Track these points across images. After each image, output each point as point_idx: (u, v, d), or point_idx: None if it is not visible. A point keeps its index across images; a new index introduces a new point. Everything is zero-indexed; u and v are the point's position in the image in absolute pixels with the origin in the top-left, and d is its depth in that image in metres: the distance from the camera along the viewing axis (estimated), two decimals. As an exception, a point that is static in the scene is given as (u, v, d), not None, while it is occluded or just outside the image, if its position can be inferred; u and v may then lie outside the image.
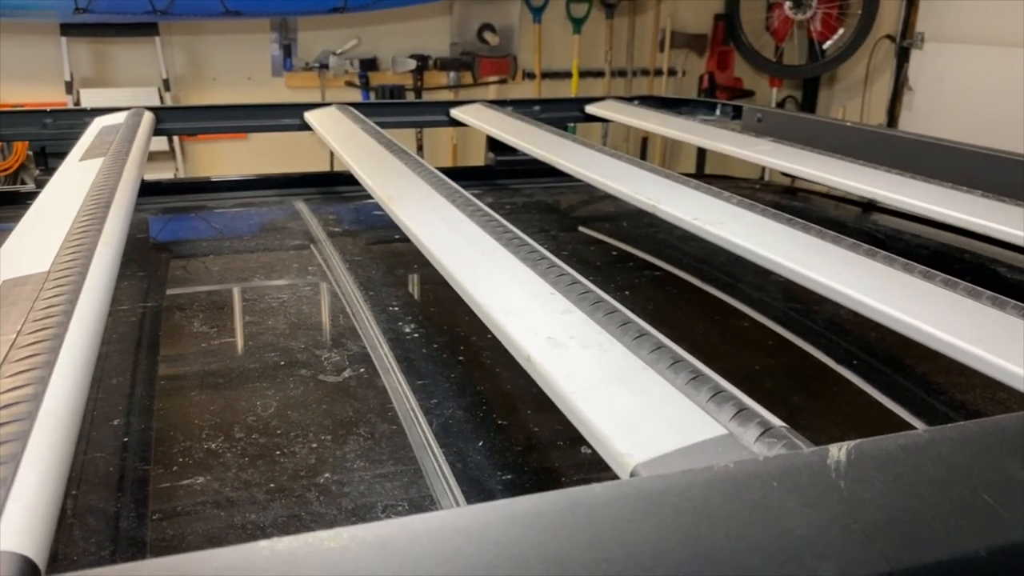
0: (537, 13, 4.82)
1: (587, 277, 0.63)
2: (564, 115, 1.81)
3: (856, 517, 0.34)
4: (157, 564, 0.30)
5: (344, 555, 0.30)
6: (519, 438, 0.68)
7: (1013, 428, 0.40)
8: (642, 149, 5.21)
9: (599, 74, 5.06)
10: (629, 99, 1.88)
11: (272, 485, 0.60)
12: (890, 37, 4.72)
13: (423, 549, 0.31)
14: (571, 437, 0.59)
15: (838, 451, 0.38)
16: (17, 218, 0.80)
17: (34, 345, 0.47)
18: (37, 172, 1.50)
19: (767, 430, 0.40)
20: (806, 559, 0.32)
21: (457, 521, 0.33)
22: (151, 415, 0.71)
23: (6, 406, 0.41)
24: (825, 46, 4.95)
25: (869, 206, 1.50)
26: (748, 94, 5.19)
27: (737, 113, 1.74)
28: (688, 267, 1.17)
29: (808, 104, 5.32)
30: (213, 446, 0.65)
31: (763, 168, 2.69)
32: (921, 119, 4.50)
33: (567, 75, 4.97)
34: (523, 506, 0.34)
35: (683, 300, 1.08)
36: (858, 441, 0.38)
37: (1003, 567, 0.35)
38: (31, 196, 0.93)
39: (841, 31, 4.90)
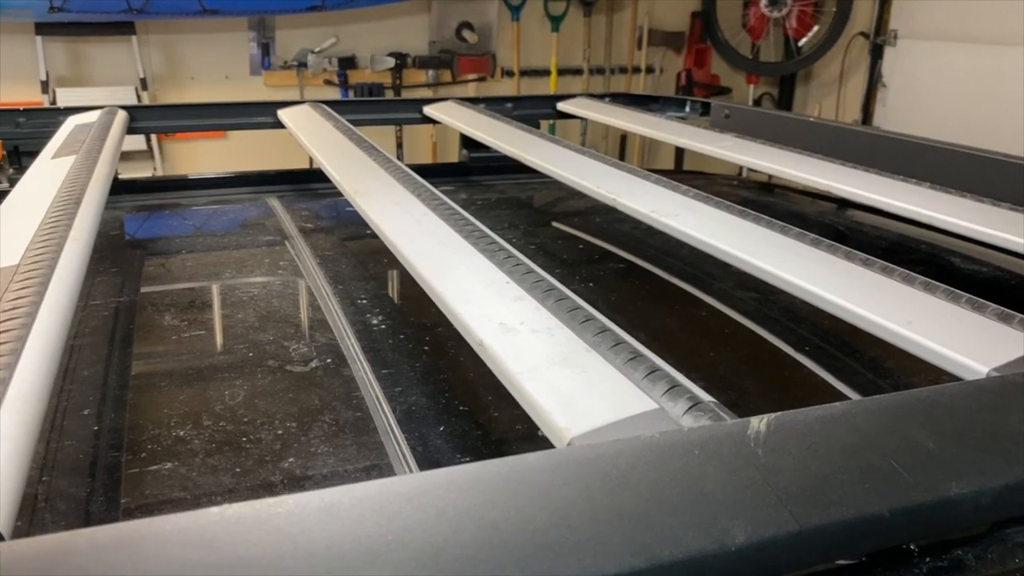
0: (515, 11, 4.85)
1: (552, 270, 0.66)
2: (536, 112, 1.83)
3: (770, 482, 0.37)
4: (115, 528, 0.32)
5: (289, 519, 0.32)
6: (479, 423, 0.71)
7: (923, 400, 0.43)
8: (620, 147, 5.25)
9: (578, 72, 5.10)
10: (600, 96, 1.91)
11: (238, 470, 0.62)
12: (864, 34, 4.79)
13: (364, 513, 0.33)
14: (529, 421, 0.62)
15: (759, 422, 0.40)
16: None
17: (2, 334, 0.49)
18: (10, 171, 1.51)
19: (695, 404, 0.43)
20: (721, 520, 0.35)
21: (399, 487, 0.35)
22: (122, 405, 0.73)
23: (-26, 390, 0.43)
24: (801, 43, 5.02)
25: (840, 202, 1.53)
26: (725, 91, 5.25)
27: (706, 109, 1.77)
28: (652, 260, 1.20)
29: (785, 101, 5.39)
30: (181, 434, 0.67)
31: (740, 167, 2.74)
32: (895, 115, 4.57)
33: (546, 73, 5.00)
34: (461, 473, 0.36)
35: (645, 291, 1.10)
36: (779, 413, 0.41)
37: (906, 526, 0.38)
38: (3, 195, 0.95)
39: (816, 28, 4.96)
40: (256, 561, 0.30)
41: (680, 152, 4.66)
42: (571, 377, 0.48)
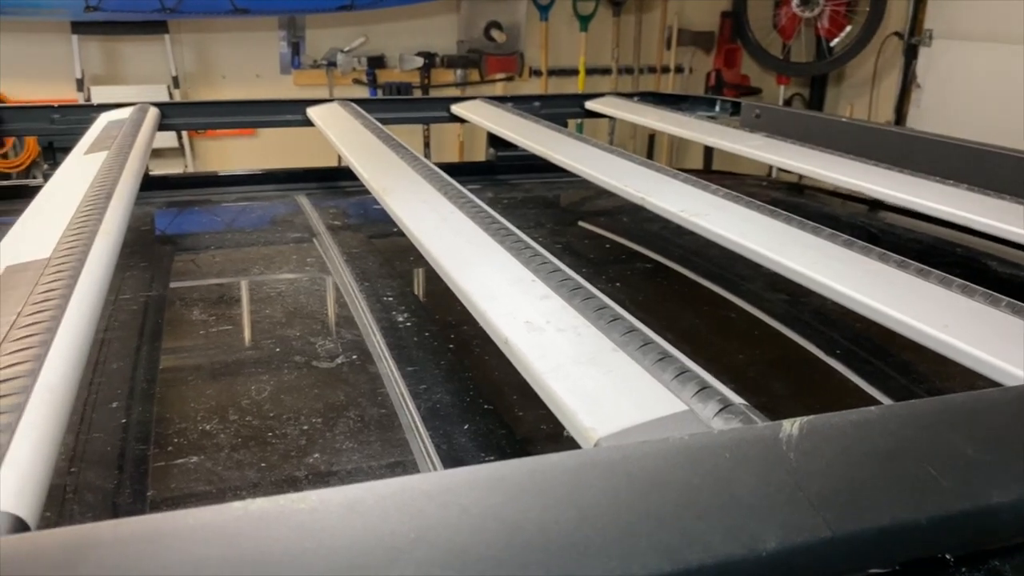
0: (544, 11, 4.84)
1: (579, 269, 0.65)
2: (564, 111, 1.82)
3: (802, 487, 0.36)
4: (139, 521, 0.32)
5: (312, 515, 0.32)
6: (504, 422, 0.70)
7: (962, 406, 0.42)
8: (649, 147, 5.22)
9: (606, 71, 5.08)
10: (629, 95, 1.90)
11: (263, 464, 0.62)
12: (898, 34, 4.72)
13: (387, 510, 0.33)
14: (554, 421, 0.61)
15: (791, 426, 0.39)
16: (24, 211, 0.82)
17: (33, 325, 0.49)
18: (45, 166, 1.53)
19: (726, 406, 0.42)
20: (751, 525, 0.34)
21: (422, 485, 0.35)
22: (150, 399, 0.74)
23: (4, 380, 0.43)
24: (833, 43, 4.95)
25: (874, 204, 1.50)
26: (755, 92, 5.20)
27: (736, 109, 1.75)
28: (680, 260, 1.18)
29: (816, 102, 5.32)
30: (208, 428, 0.67)
31: (770, 167, 2.71)
32: (929, 117, 4.49)
33: (574, 72, 4.98)
34: (485, 472, 0.36)
35: (673, 292, 1.09)
36: (811, 417, 0.40)
37: (943, 535, 0.37)
38: (37, 189, 0.96)
39: (849, 28, 4.90)
40: (278, 557, 0.30)
41: (709, 152, 4.62)
42: (598, 377, 0.47)
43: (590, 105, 1.78)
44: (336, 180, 1.64)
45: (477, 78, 4.82)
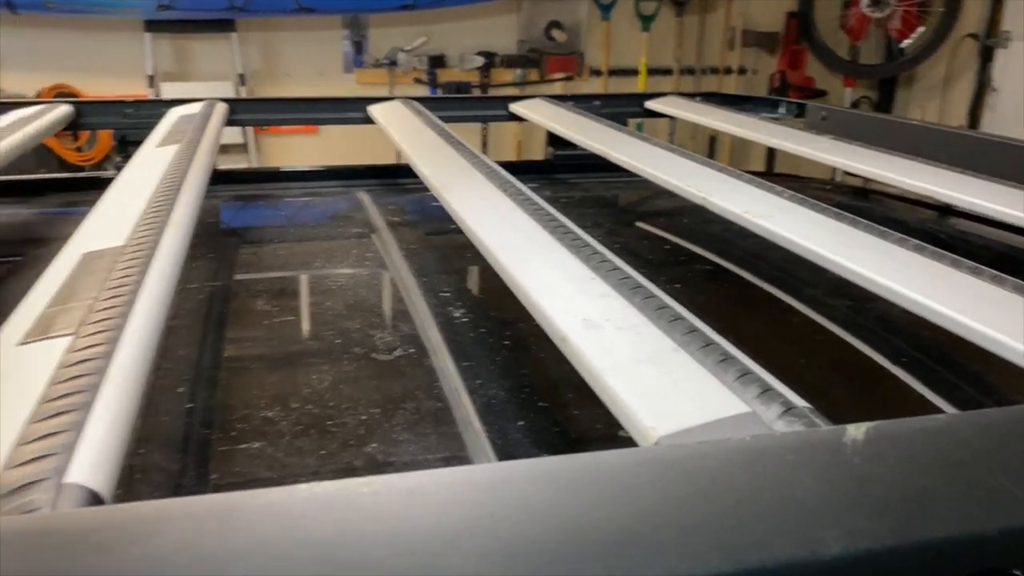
0: (606, 10, 4.82)
1: (638, 270, 0.64)
2: (624, 110, 1.82)
3: (867, 492, 0.35)
4: (209, 499, 0.33)
5: (375, 499, 0.33)
6: (559, 419, 0.70)
7: (1038, 416, 0.40)
8: (709, 148, 5.15)
9: (667, 72, 5.03)
10: (691, 95, 1.88)
11: (323, 452, 0.63)
12: (973, 36, 4.56)
13: (447, 498, 0.33)
14: (611, 421, 0.61)
15: (856, 430, 0.39)
16: (97, 201, 0.86)
17: (108, 309, 0.51)
18: (118, 159, 1.58)
19: (789, 409, 0.42)
20: (813, 528, 0.33)
21: (482, 475, 0.35)
22: (214, 385, 0.76)
23: (81, 361, 0.45)
24: (903, 45, 4.81)
25: (945, 209, 1.46)
26: (821, 94, 5.08)
27: (801, 111, 1.71)
28: (742, 262, 1.16)
29: (884, 105, 5.18)
30: (270, 415, 0.69)
31: (834, 170, 2.65)
32: (1005, 121, 4.33)
33: (635, 73, 4.95)
34: (544, 466, 0.36)
35: (734, 294, 1.08)
36: (877, 422, 0.39)
37: (1014, 547, 0.36)
38: (111, 181, 0.99)
39: (921, 29, 4.75)
40: (342, 538, 0.30)
41: (771, 154, 4.54)
42: (658, 376, 0.47)
43: (651, 105, 1.77)
44: (396, 177, 1.66)
45: (536, 78, 4.83)
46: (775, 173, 3.26)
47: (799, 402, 0.43)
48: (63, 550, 0.29)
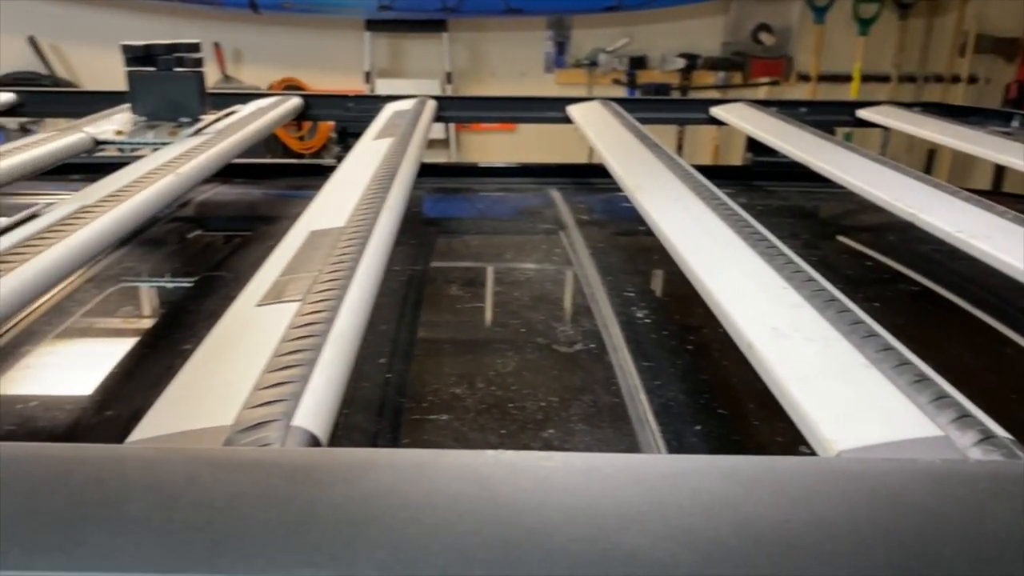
0: (820, 13, 4.59)
1: (835, 284, 0.63)
2: (832, 119, 1.73)
3: (1073, 534, 0.33)
4: (409, 452, 0.37)
5: (555, 473, 0.35)
6: (737, 428, 0.70)
7: None
8: (927, 163, 4.77)
9: (884, 79, 4.71)
10: (909, 105, 1.76)
11: (503, 431, 0.67)
12: None
13: (623, 482, 0.35)
14: (794, 435, 0.60)
15: (1066, 468, 0.36)
16: (319, 187, 0.95)
17: (331, 281, 0.58)
18: (337, 149, 1.73)
19: (987, 438, 0.39)
20: (1003, 563, 0.32)
21: (657, 465, 0.36)
22: (409, 359, 0.82)
23: (307, 324, 0.51)
24: None
25: None
26: (1065, 107, 4.55)
27: (1038, 125, 1.56)
28: (952, 286, 1.08)
29: None
30: (457, 392, 0.73)
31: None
32: None
33: (847, 79, 4.68)
34: (721, 463, 0.36)
35: (940, 319, 1.01)
36: (1093, 462, 0.36)
37: None
38: (330, 170, 1.10)
39: None
40: (522, 504, 0.33)
41: (1000, 173, 4.12)
42: (845, 391, 0.46)
43: (862, 114, 1.68)
44: (587, 176, 1.69)
45: (739, 81, 4.69)
46: (1002, 192, 2.96)
47: (1000, 431, 0.40)
48: (287, 480, 0.34)
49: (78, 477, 0.33)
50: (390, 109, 1.58)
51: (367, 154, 1.13)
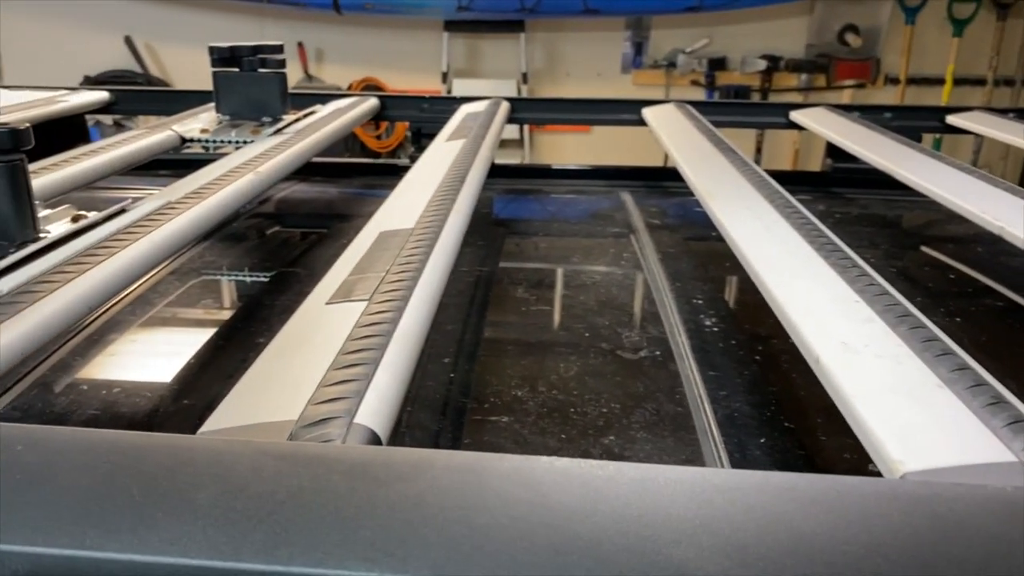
0: (911, 13, 4.42)
1: (913, 298, 0.61)
2: (920, 124, 1.67)
3: None
4: (465, 455, 0.37)
5: (608, 483, 0.35)
6: (803, 443, 0.68)
7: None
8: (1023, 173, 4.54)
9: (979, 82, 4.50)
10: (1004, 111, 1.68)
11: (563, 436, 0.67)
12: None
13: (676, 494, 0.35)
14: (859, 452, 0.58)
15: None
16: (393, 186, 0.97)
17: (398, 281, 0.59)
18: (411, 149, 1.76)
19: (1066, 467, 0.38)
20: (1079, 598, 0.31)
21: (712, 478, 0.36)
22: (473, 360, 0.83)
23: (373, 323, 0.52)
24: None
25: None
26: None
27: None
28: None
29: None
30: (519, 394, 0.74)
31: None
32: None
33: (938, 82, 4.49)
34: (779, 479, 0.36)
35: (1028, 338, 0.96)
36: None
37: None
38: (404, 169, 1.11)
39: None
40: (574, 512, 0.33)
41: (1101, 182, 3.89)
42: (914, 410, 0.44)
43: (952, 120, 1.61)
44: (660, 180, 1.68)
45: (823, 83, 4.56)
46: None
47: (1082, 462, 0.39)
48: (346, 477, 0.35)
49: (151, 465, 0.35)
50: (464, 111, 1.60)
51: (439, 155, 1.15)
